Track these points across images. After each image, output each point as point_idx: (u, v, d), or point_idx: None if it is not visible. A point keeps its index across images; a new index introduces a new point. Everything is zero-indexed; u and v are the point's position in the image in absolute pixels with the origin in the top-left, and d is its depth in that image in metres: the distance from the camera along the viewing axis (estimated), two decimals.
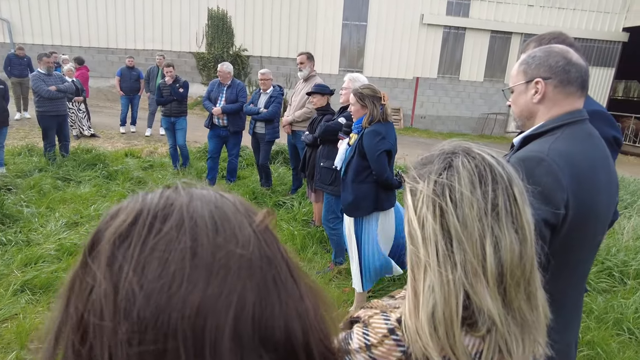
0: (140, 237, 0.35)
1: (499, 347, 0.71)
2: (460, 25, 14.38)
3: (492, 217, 0.71)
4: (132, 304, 0.33)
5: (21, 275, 3.26)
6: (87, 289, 0.35)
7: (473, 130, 15.40)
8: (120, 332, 0.33)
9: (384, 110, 2.94)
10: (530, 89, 1.26)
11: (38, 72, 6.05)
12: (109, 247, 0.35)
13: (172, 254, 0.34)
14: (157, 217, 0.37)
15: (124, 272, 0.34)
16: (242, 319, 0.35)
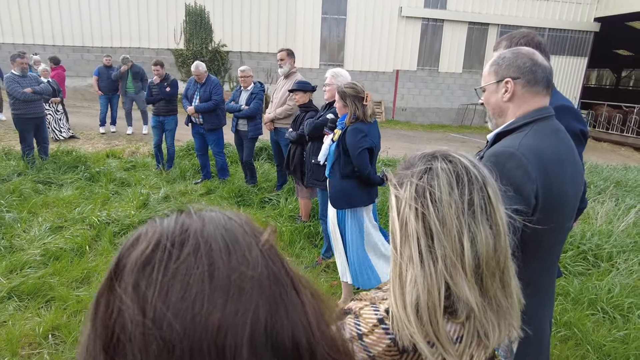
0: (162, 263, 0.40)
1: (477, 332, 0.79)
2: (438, 17, 14.54)
3: (469, 215, 0.78)
4: (160, 323, 0.38)
5: (7, 282, 3.23)
6: (114, 310, 0.40)
7: (453, 121, 15.66)
8: (151, 349, 0.38)
9: (364, 110, 3.00)
10: (501, 88, 1.34)
11: (12, 73, 5.90)
12: (133, 273, 0.40)
13: (192, 278, 0.40)
14: (175, 243, 0.41)
15: (149, 295, 0.39)
16: (256, 332, 0.40)
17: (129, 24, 13.61)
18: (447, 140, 12.34)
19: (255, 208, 5.11)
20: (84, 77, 13.50)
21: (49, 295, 3.12)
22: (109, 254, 3.81)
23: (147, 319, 0.38)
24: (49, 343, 2.65)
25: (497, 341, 0.80)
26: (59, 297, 3.07)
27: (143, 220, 4.39)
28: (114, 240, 4.04)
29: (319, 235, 4.34)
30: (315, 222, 4.51)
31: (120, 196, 5.19)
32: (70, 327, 2.75)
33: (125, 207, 4.71)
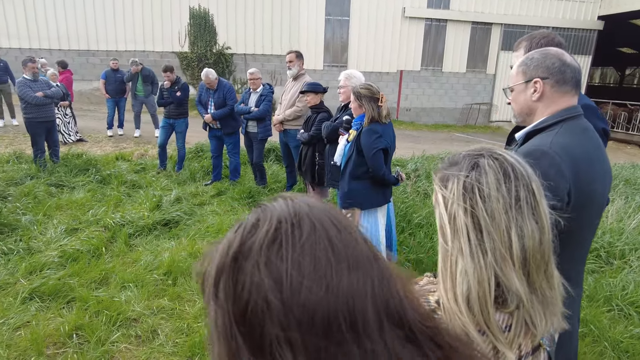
0: (288, 241, 0.44)
1: (525, 321, 0.83)
2: (441, 18, 14.57)
3: (516, 210, 0.82)
4: (298, 292, 0.42)
5: (28, 283, 3.28)
6: (245, 285, 0.44)
7: (457, 120, 15.67)
8: (291, 316, 0.42)
9: (379, 111, 3.03)
10: (530, 88, 1.38)
11: (24, 78, 5.97)
12: (263, 251, 0.44)
13: (318, 252, 0.44)
14: (293, 224, 0.46)
15: (283, 269, 0.43)
16: (376, 301, 0.45)
17: (134, 27, 13.69)
18: (452, 140, 12.36)
19: None
20: (90, 81, 13.59)
21: (69, 296, 3.17)
22: (125, 255, 3.86)
23: (285, 289, 0.42)
24: (73, 342, 2.69)
25: (543, 330, 0.84)
26: (80, 298, 3.11)
27: (157, 221, 4.44)
28: (129, 242, 4.09)
29: None
30: None
31: (132, 198, 5.24)
32: (93, 326, 2.79)
33: (139, 208, 4.75)
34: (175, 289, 3.32)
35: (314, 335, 0.42)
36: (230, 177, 6.07)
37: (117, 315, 2.95)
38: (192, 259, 3.78)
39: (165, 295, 3.27)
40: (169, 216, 4.56)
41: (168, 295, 3.25)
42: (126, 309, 3.02)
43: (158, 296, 3.26)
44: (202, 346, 2.67)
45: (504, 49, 15.15)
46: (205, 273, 0.52)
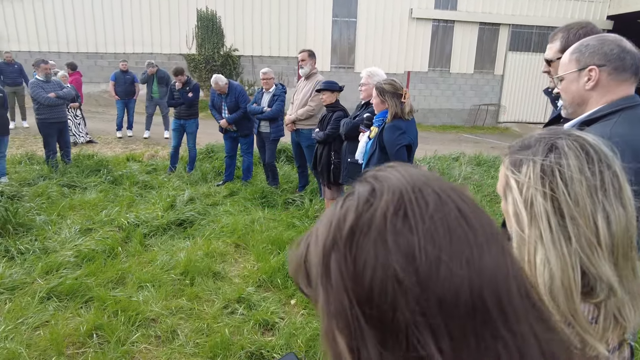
0: (415, 211, 0.38)
1: (613, 312, 0.77)
2: (449, 19, 14.51)
3: (601, 193, 0.77)
4: (437, 270, 0.36)
5: (45, 283, 3.25)
6: (366, 263, 0.38)
7: (465, 121, 15.58)
8: (431, 297, 0.36)
9: (402, 107, 2.98)
10: (583, 77, 1.31)
11: (36, 79, 5.97)
12: (387, 224, 0.38)
13: (450, 222, 0.38)
14: (417, 193, 0.40)
15: (415, 241, 0.37)
16: (516, 276, 0.39)
17: (142, 30, 13.73)
18: (460, 141, 12.28)
19: (280, 209, 5.10)
20: (98, 83, 13.63)
21: (87, 295, 3.13)
22: (141, 255, 3.82)
23: (420, 266, 0.36)
24: (93, 342, 2.65)
25: (633, 322, 0.78)
26: (97, 298, 3.08)
27: (172, 221, 4.40)
28: (144, 242, 4.05)
29: None
30: None
31: (145, 199, 5.21)
32: (112, 326, 2.75)
33: (152, 208, 4.72)
34: (193, 289, 3.28)
35: (458, 318, 0.36)
36: (242, 177, 6.04)
37: (136, 315, 2.90)
38: (209, 258, 3.74)
39: (183, 295, 3.22)
40: (183, 216, 4.53)
41: (186, 295, 3.21)
42: (145, 309, 2.97)
43: (176, 296, 3.22)
44: (224, 347, 2.62)
45: (512, 49, 15.08)
46: (303, 256, 0.46)
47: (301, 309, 3.11)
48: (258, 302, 3.14)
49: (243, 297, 3.18)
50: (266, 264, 3.62)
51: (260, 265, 3.68)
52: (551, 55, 1.95)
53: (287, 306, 3.19)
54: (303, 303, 3.17)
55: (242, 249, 4.07)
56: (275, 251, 3.92)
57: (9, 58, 9.23)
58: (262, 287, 3.41)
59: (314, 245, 0.44)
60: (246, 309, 3.07)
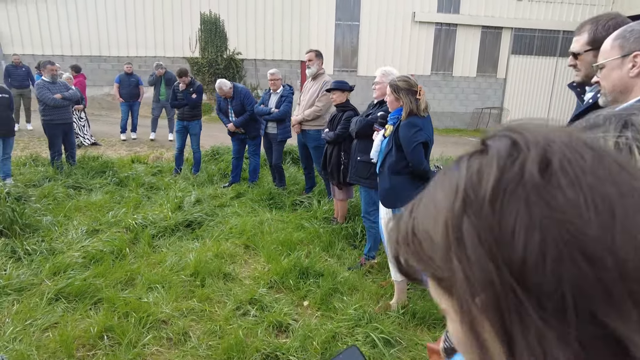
0: (572, 164, 0.33)
1: None
2: (451, 22, 14.52)
3: None
4: (628, 233, 0.31)
5: (53, 284, 3.19)
6: (509, 225, 0.33)
7: (468, 125, 15.55)
8: (624, 264, 0.30)
9: (418, 104, 2.94)
10: (627, 63, 1.26)
11: (43, 80, 5.94)
12: (542, 178, 0.33)
13: (617, 179, 0.33)
14: (567, 145, 0.34)
15: (581, 202, 0.31)
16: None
17: (145, 33, 13.73)
18: (464, 144, 12.23)
19: (288, 210, 5.04)
20: (101, 86, 13.61)
21: (96, 297, 3.07)
22: (149, 256, 3.76)
23: (602, 226, 0.31)
24: (104, 344, 2.59)
25: None
26: (107, 299, 3.01)
27: (180, 222, 4.35)
28: (152, 243, 4.00)
29: (358, 236, 4.26)
30: (352, 223, 4.43)
31: (152, 200, 5.16)
32: (123, 328, 2.69)
33: (160, 210, 4.67)
34: (203, 290, 3.22)
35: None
36: (249, 179, 5.99)
37: (147, 317, 2.84)
38: (219, 260, 3.68)
39: (193, 296, 3.16)
40: (192, 217, 4.47)
41: (197, 297, 3.15)
42: (155, 311, 2.91)
43: (186, 297, 3.16)
44: (239, 349, 2.56)
45: (515, 52, 15.07)
46: (410, 229, 0.40)
47: (315, 311, 3.05)
48: (270, 303, 3.08)
49: (255, 299, 3.12)
50: (277, 265, 3.56)
51: (271, 266, 3.62)
52: (578, 47, 1.90)
53: (300, 307, 3.12)
54: (316, 304, 3.11)
55: (252, 250, 4.01)
56: (285, 252, 3.86)
57: (17, 60, 9.22)
58: (273, 288, 3.35)
59: (432, 213, 0.38)
60: (259, 310, 3.00)
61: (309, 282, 3.36)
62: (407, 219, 0.41)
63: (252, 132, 5.77)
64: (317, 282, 3.36)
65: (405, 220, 0.41)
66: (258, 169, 6.02)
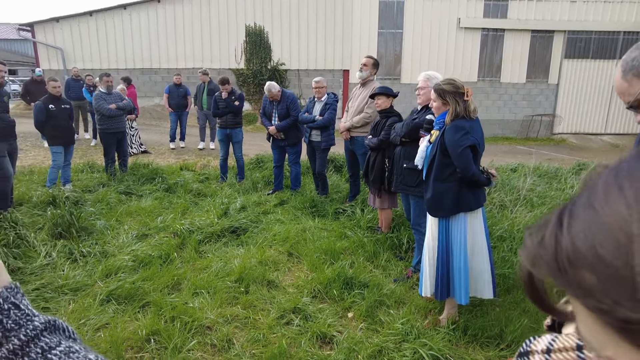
0: None
1: None
2: (498, 27, 14.06)
3: None
4: None
5: (104, 285, 3.29)
6: None
7: (517, 133, 14.90)
8: None
9: (467, 106, 2.81)
10: None
11: (100, 91, 6.28)
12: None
13: None
14: None
15: None
16: None
17: (193, 46, 14.30)
18: (515, 152, 11.71)
19: (330, 219, 4.98)
20: (152, 97, 14.29)
21: (144, 300, 3.14)
22: (195, 261, 3.82)
23: None
24: (150, 347, 2.62)
25: None
26: (154, 303, 3.07)
27: (225, 228, 4.40)
28: (199, 248, 4.06)
29: (404, 247, 4.12)
30: (397, 233, 4.29)
31: (198, 206, 5.27)
32: (169, 332, 2.71)
33: (206, 216, 4.75)
34: (247, 297, 3.20)
35: None
36: (291, 187, 6.00)
37: (192, 322, 2.86)
38: (262, 266, 3.67)
39: (238, 303, 3.16)
40: (237, 223, 4.51)
41: (241, 303, 3.14)
42: (200, 316, 2.92)
43: (231, 304, 3.16)
44: (282, 358, 2.51)
45: (568, 57, 14.34)
46: (582, 247, 0.30)
47: (360, 323, 2.95)
48: (314, 313, 3.01)
49: (299, 308, 3.06)
50: (321, 274, 3.50)
51: (315, 275, 3.56)
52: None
53: (344, 319, 3.03)
54: (361, 316, 3.01)
55: (295, 257, 3.97)
56: (328, 261, 3.79)
57: (76, 72, 9.85)
58: (317, 297, 3.29)
59: (612, 233, 0.28)
60: (302, 320, 2.94)
61: (354, 292, 3.27)
62: (556, 236, 0.33)
63: (291, 138, 5.77)
64: (361, 294, 3.26)
65: (554, 238, 0.33)
66: (300, 177, 6.01)
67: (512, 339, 2.71)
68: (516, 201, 4.91)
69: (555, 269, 0.32)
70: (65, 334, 0.56)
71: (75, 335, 0.58)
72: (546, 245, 0.33)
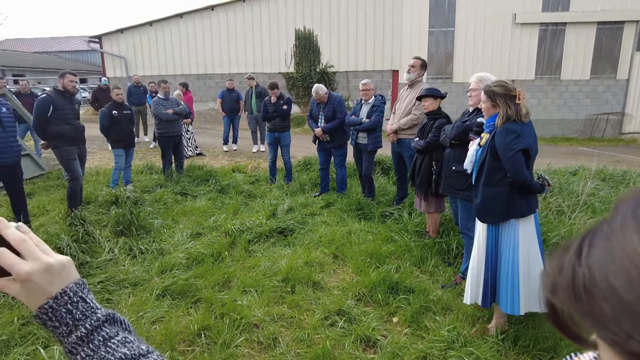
0: None
1: None
2: (559, 21, 13.26)
3: None
4: None
5: (160, 281, 3.50)
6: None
7: (580, 133, 13.97)
8: None
9: (518, 109, 2.69)
10: None
11: (158, 97, 6.67)
12: None
13: None
14: None
15: None
16: None
17: (245, 52, 14.79)
18: (576, 154, 10.98)
19: (377, 222, 4.95)
20: (206, 102, 14.93)
21: (196, 296, 3.30)
22: (245, 260, 3.95)
23: None
24: (201, 342, 2.75)
25: None
26: (205, 299, 3.22)
27: (273, 229, 4.51)
28: (248, 248, 4.20)
29: (452, 252, 4.02)
30: (446, 238, 4.19)
31: (248, 207, 5.44)
32: (219, 328, 2.84)
33: (256, 216, 4.90)
34: (293, 297, 3.27)
35: None
36: (337, 189, 6.03)
37: (240, 319, 2.97)
38: (308, 267, 3.73)
39: (284, 302, 3.23)
40: (284, 224, 4.62)
41: (287, 303, 3.21)
42: (248, 314, 3.03)
43: (277, 303, 3.24)
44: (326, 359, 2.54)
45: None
46: (597, 278, 0.31)
47: (405, 328, 2.92)
48: (358, 316, 3.02)
49: (343, 310, 3.08)
50: (366, 278, 3.50)
51: (360, 278, 3.56)
52: None
53: (389, 323, 3.02)
54: (406, 321, 2.98)
55: (340, 260, 4.00)
56: (374, 264, 3.78)
57: (137, 79, 10.52)
58: (361, 301, 3.29)
59: (625, 266, 0.29)
60: (346, 322, 2.96)
61: (399, 297, 3.24)
62: (574, 264, 0.33)
63: (337, 140, 5.79)
64: (407, 299, 3.22)
65: (572, 266, 0.33)
66: (345, 180, 6.03)
67: (567, 353, 2.56)
68: (575, 206, 4.61)
69: (572, 297, 0.32)
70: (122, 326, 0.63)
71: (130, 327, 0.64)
72: (564, 273, 0.33)
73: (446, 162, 3.60)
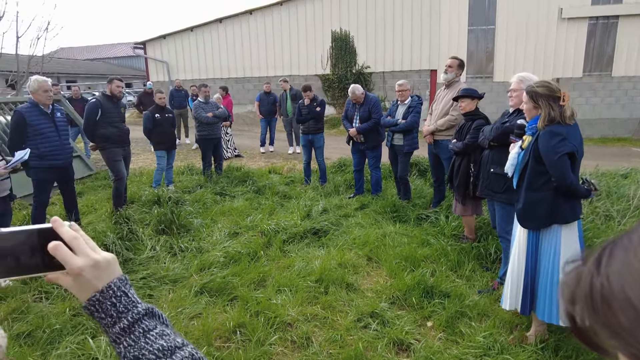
0: None
1: None
2: (611, 14, 12.55)
3: None
4: None
5: (199, 278, 3.63)
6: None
7: (633, 133, 13.14)
8: None
9: (562, 111, 2.58)
10: None
11: (199, 101, 6.90)
12: None
13: None
14: None
15: None
16: None
17: (282, 55, 15.00)
18: (629, 155, 10.35)
19: (412, 224, 4.89)
20: (244, 105, 15.25)
21: (232, 294, 3.39)
22: (280, 260, 4.02)
23: None
24: (236, 339, 2.83)
25: None
26: (241, 297, 3.30)
27: (308, 230, 4.56)
28: (283, 248, 4.26)
29: (491, 257, 3.91)
30: (485, 243, 4.08)
31: (284, 207, 5.53)
32: (253, 326, 2.91)
33: (291, 217, 4.97)
34: (327, 297, 3.30)
35: None
36: (372, 191, 6.00)
37: (274, 317, 3.02)
38: (342, 269, 3.75)
39: (317, 302, 3.26)
40: (318, 225, 4.66)
41: (320, 303, 3.24)
42: (282, 313, 3.08)
43: (311, 303, 3.28)
44: None
45: None
46: (614, 289, 0.31)
47: (439, 333, 2.88)
48: (392, 319, 3.00)
49: (376, 312, 3.08)
50: (400, 281, 3.47)
51: (394, 281, 3.54)
52: None
53: (423, 327, 2.98)
54: (441, 326, 2.93)
55: (374, 262, 3.99)
56: (409, 268, 3.74)
57: (179, 84, 10.92)
58: (395, 304, 3.27)
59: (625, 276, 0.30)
60: (379, 324, 2.95)
61: (434, 302, 3.19)
62: (592, 275, 0.33)
63: (371, 141, 5.75)
64: (442, 303, 3.17)
65: (591, 276, 0.33)
66: (380, 181, 5.98)
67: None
68: (625, 211, 4.36)
69: (590, 308, 0.32)
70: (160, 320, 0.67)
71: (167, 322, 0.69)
72: (583, 283, 0.33)
73: (484, 164, 3.50)
